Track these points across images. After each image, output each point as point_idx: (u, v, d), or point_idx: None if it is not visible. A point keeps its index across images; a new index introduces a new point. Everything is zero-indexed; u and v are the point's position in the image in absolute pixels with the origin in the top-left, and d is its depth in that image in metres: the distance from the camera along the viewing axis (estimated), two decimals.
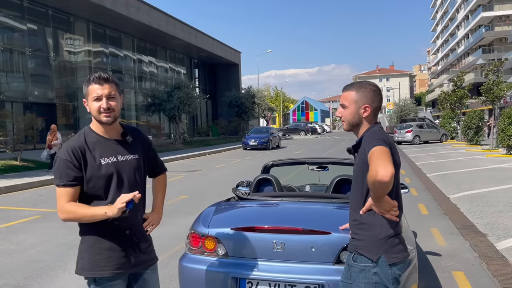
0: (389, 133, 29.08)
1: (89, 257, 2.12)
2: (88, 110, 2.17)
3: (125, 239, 2.17)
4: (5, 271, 4.71)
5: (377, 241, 2.07)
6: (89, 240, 2.13)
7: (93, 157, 2.12)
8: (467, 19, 62.69)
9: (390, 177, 1.86)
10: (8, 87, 21.54)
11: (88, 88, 2.14)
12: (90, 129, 2.21)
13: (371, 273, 2.05)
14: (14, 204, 8.85)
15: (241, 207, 3.48)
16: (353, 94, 2.21)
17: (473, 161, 14.85)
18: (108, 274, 2.11)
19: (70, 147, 2.11)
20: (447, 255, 4.93)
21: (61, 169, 2.08)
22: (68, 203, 2.07)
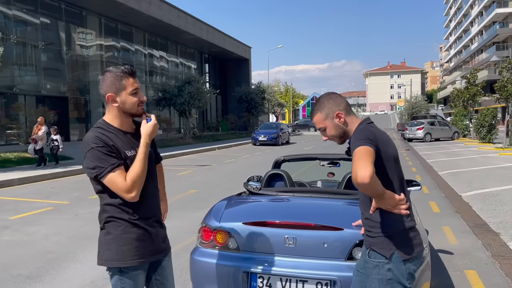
0: (399, 130, 28.87)
1: (117, 247, 2.12)
2: (116, 104, 2.13)
3: (149, 228, 2.20)
4: (18, 262, 4.78)
5: (389, 237, 2.06)
6: (117, 231, 2.13)
7: (117, 149, 2.10)
8: (481, 16, 61.78)
9: (369, 178, 1.86)
10: (21, 80, 21.78)
11: (123, 82, 2.11)
12: (106, 122, 2.17)
13: (385, 269, 2.06)
14: (27, 196, 8.96)
15: (253, 202, 3.48)
16: (320, 115, 2.24)
17: (486, 159, 14.67)
18: (136, 263, 2.14)
19: (96, 136, 2.07)
20: (459, 254, 4.88)
21: (101, 156, 2.03)
22: (126, 179, 2.03)
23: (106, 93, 2.12)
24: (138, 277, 2.18)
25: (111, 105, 2.14)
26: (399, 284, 2.06)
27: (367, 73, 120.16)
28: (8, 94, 20.63)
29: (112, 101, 2.12)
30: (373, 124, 2.19)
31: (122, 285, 2.14)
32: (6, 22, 20.52)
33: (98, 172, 2.04)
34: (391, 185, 2.07)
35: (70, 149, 17.83)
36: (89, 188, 8.36)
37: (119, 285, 2.15)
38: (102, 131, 2.12)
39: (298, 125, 50.01)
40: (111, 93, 2.11)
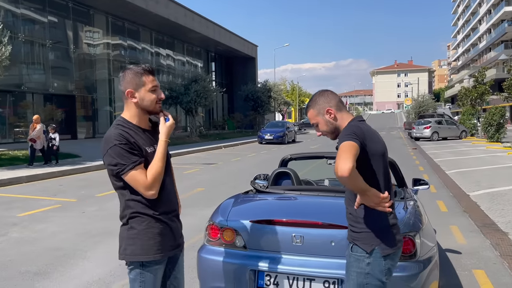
0: (406, 128, 28.72)
1: (141, 242, 2.15)
2: (135, 100, 2.17)
3: (170, 222, 2.26)
4: (26, 259, 4.81)
5: (371, 233, 2.13)
6: (141, 226, 2.16)
7: (138, 146, 2.14)
8: (490, 14, 61.24)
9: (348, 172, 1.91)
10: (29, 78, 21.94)
11: (143, 79, 2.16)
12: (126, 120, 2.20)
13: (365, 263, 2.13)
14: (35, 193, 9.03)
15: (260, 200, 3.47)
16: (312, 111, 2.33)
17: (494, 159, 14.55)
18: (159, 257, 2.19)
19: (118, 133, 2.11)
20: (467, 253, 4.85)
21: (123, 154, 2.07)
22: (147, 177, 2.09)
23: (126, 89, 2.17)
24: (158, 271, 2.22)
25: (130, 101, 2.19)
26: (375, 279, 2.13)
27: (374, 72, 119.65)
28: (16, 92, 20.79)
29: (131, 96, 2.17)
30: (364, 122, 2.26)
31: (142, 279, 2.18)
32: (14, 20, 20.66)
33: (120, 169, 2.07)
34: (376, 181, 2.15)
35: (77, 147, 17.95)
36: (96, 186, 8.51)
37: (138, 279, 2.18)
38: (123, 128, 2.15)
39: (304, 123, 49.89)
40: (130, 88, 2.16)
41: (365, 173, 2.07)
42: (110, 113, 27.40)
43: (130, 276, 2.22)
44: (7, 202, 8.10)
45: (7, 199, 8.41)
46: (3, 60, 12.31)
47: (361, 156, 2.06)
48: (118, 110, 28.24)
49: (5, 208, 7.54)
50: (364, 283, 2.13)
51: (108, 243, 5.38)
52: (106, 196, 8.69)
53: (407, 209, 3.10)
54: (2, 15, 19.75)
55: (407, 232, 2.77)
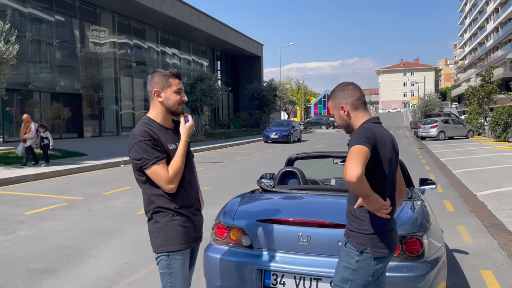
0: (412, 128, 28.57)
1: (165, 234, 2.32)
2: (161, 99, 2.35)
3: (192, 216, 2.42)
4: (34, 256, 4.85)
5: (366, 235, 2.16)
6: (164, 219, 2.32)
7: (161, 142, 2.31)
8: (497, 12, 60.74)
9: (356, 178, 1.93)
10: (36, 77, 22.08)
11: (170, 80, 2.37)
12: (151, 119, 2.38)
13: (354, 260, 2.17)
14: (42, 192, 9.09)
15: (266, 199, 3.47)
16: (330, 103, 2.37)
17: (501, 158, 14.44)
18: (183, 247, 2.34)
19: (144, 130, 2.28)
20: (474, 254, 4.82)
21: (147, 149, 2.24)
22: (168, 171, 2.26)
23: (153, 89, 2.36)
24: (184, 262, 2.37)
25: (156, 100, 2.37)
26: (360, 278, 2.16)
27: (379, 71, 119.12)
28: (23, 91, 20.92)
29: (158, 96, 2.36)
30: (379, 124, 2.24)
31: (170, 270, 2.32)
32: (21, 19, 20.79)
33: (143, 163, 2.24)
34: (381, 186, 2.16)
35: (84, 146, 18.05)
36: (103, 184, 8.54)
37: (167, 271, 2.33)
38: (148, 126, 2.32)
39: (309, 122, 49.82)
40: (157, 88, 2.36)
41: (371, 176, 2.08)
42: (116, 112, 27.50)
43: (160, 270, 2.36)
44: (15, 200, 8.16)
45: (15, 197, 8.48)
46: (11, 59, 12.39)
47: (371, 160, 2.06)
48: (124, 109, 28.36)
49: (13, 206, 7.59)
50: (348, 279, 2.17)
51: (114, 242, 5.41)
52: (113, 194, 8.74)
53: (415, 209, 3.09)
54: (9, 14, 19.88)
55: (414, 232, 2.76)
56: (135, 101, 29.49)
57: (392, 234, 2.24)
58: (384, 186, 2.18)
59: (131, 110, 29.10)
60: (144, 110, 30.56)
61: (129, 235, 5.72)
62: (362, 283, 2.16)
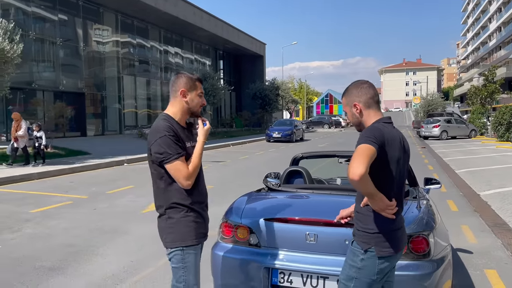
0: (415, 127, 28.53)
1: (179, 230, 2.42)
2: (186, 99, 2.48)
3: (202, 212, 2.53)
4: (40, 254, 4.89)
5: (371, 234, 2.18)
6: (178, 215, 2.43)
7: (182, 140, 2.43)
8: (500, 12, 60.58)
9: (359, 177, 1.95)
10: (40, 76, 22.14)
11: (196, 83, 2.52)
12: (170, 116, 2.47)
13: (359, 258, 2.20)
14: (47, 190, 9.13)
15: (273, 198, 3.50)
16: (343, 100, 2.38)
17: (504, 158, 14.43)
18: (195, 242, 2.44)
19: (168, 125, 2.38)
20: (478, 253, 4.83)
21: (171, 144, 2.34)
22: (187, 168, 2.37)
23: (180, 88, 2.46)
24: (197, 256, 2.48)
25: (179, 99, 2.48)
26: (365, 276, 2.18)
27: (382, 70, 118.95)
28: (27, 90, 20.99)
29: (183, 95, 2.47)
30: (390, 124, 2.25)
31: (184, 265, 2.42)
32: (25, 18, 20.85)
33: (166, 158, 2.33)
34: (386, 186, 2.17)
35: (87, 144, 18.09)
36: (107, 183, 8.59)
37: (181, 266, 2.42)
38: (170, 122, 2.42)
39: (312, 122, 49.80)
40: (185, 88, 2.47)
41: (376, 176, 2.09)
42: (119, 111, 27.53)
43: (172, 265, 2.45)
44: (20, 199, 8.20)
45: (20, 196, 8.52)
46: (15, 58, 12.44)
47: (377, 159, 2.07)
48: (127, 108, 28.40)
49: (18, 204, 7.64)
50: (353, 277, 2.20)
51: (120, 240, 5.44)
52: (117, 193, 8.78)
53: (420, 208, 3.11)
54: (13, 13, 19.94)
55: (420, 231, 2.79)
56: (138, 100, 29.54)
57: (398, 233, 2.25)
58: (390, 186, 2.18)
59: (133, 109, 29.15)
60: (147, 109, 30.62)
61: (134, 233, 5.75)
62: (367, 282, 2.19)
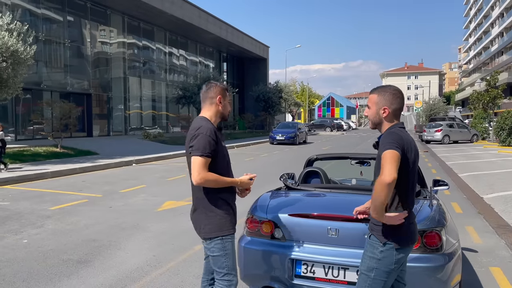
0: (417, 131, 28.65)
1: (216, 221, 2.72)
2: (221, 106, 2.82)
3: (233, 205, 2.85)
4: (66, 248, 5.14)
5: (388, 228, 2.42)
6: (215, 209, 2.73)
7: (220, 139, 2.76)
8: (502, 17, 60.83)
9: (392, 180, 2.23)
10: (48, 77, 22.41)
11: (227, 93, 2.90)
12: (207, 119, 2.80)
13: (378, 251, 2.44)
14: (62, 188, 9.39)
15: (294, 196, 3.74)
16: (375, 97, 2.58)
17: (506, 163, 14.66)
18: (232, 231, 2.77)
19: (212, 128, 2.71)
20: (483, 252, 5.07)
21: (205, 143, 2.63)
22: (208, 172, 2.64)
23: (218, 95, 2.81)
24: (233, 244, 2.78)
25: (215, 105, 2.82)
26: (384, 266, 2.43)
27: (383, 74, 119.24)
28: (35, 90, 21.27)
29: (220, 102, 2.82)
30: (404, 130, 2.53)
31: (225, 252, 2.71)
32: (35, 20, 21.14)
33: (198, 153, 2.61)
34: (408, 186, 2.45)
35: (94, 145, 18.36)
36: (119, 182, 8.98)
37: (222, 253, 2.71)
38: (211, 124, 2.77)
39: (314, 124, 50.03)
40: (221, 96, 2.83)
41: (400, 179, 2.34)
42: (124, 112, 27.80)
43: (214, 254, 2.71)
44: (38, 196, 8.46)
45: (37, 193, 8.78)
46: (28, 59, 12.71)
47: (401, 164, 2.34)
48: (132, 109, 28.68)
49: (37, 202, 7.89)
50: (374, 267, 2.44)
51: (139, 236, 5.69)
52: (130, 192, 9.03)
53: (432, 206, 3.36)
54: (23, 14, 20.22)
55: (433, 227, 3.03)
56: (143, 101, 29.82)
57: (412, 226, 2.50)
58: (412, 186, 2.46)
59: (139, 110, 29.42)
60: (152, 110, 30.89)
61: (152, 230, 6.00)
62: (386, 271, 2.44)
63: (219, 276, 2.73)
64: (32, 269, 4.42)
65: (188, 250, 5.02)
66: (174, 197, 8.12)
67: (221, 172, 2.72)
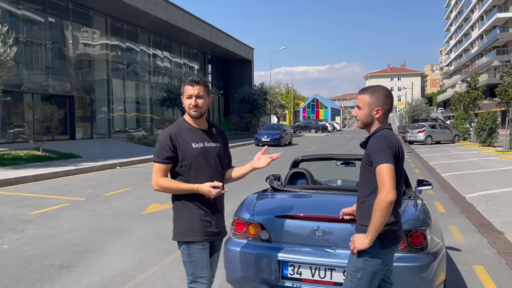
0: (400, 132, 29.01)
1: (184, 224, 2.63)
2: (183, 104, 2.70)
3: (213, 209, 2.69)
4: (48, 253, 5.03)
5: None
6: (183, 209, 2.65)
7: (186, 140, 2.63)
8: (482, 20, 62.13)
9: (392, 199, 2.27)
10: (29, 79, 22.01)
11: (184, 88, 2.69)
12: (184, 119, 2.76)
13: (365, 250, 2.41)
14: (44, 192, 9.20)
15: (281, 197, 3.73)
16: (367, 97, 2.54)
17: (487, 162, 14.95)
18: (200, 239, 2.63)
19: (169, 131, 2.64)
20: (466, 251, 5.15)
21: (159, 149, 2.62)
22: (162, 177, 2.61)
23: (182, 96, 2.72)
24: (202, 252, 2.69)
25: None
26: (371, 266, 2.44)
27: (367, 76, 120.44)
28: (16, 93, 20.85)
29: (182, 100, 2.73)
30: (392, 131, 2.53)
31: (190, 258, 2.65)
32: (15, 21, 20.73)
33: (154, 159, 2.64)
34: (399, 187, 2.44)
35: (77, 148, 18.08)
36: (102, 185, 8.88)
37: (188, 260, 2.66)
38: (177, 126, 2.69)
39: (299, 126, 50.27)
40: (181, 94, 2.73)
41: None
42: (108, 114, 27.47)
43: (182, 258, 2.68)
44: (18, 201, 8.28)
45: (17, 198, 8.59)
46: (8, 61, 12.46)
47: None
48: (116, 111, 28.36)
49: (17, 206, 7.72)
50: (360, 267, 2.45)
51: (123, 240, 5.61)
52: (113, 195, 8.91)
53: (417, 206, 3.39)
54: (3, 15, 19.83)
55: (418, 227, 3.06)
56: (127, 104, 29.52)
57: (397, 226, 2.51)
58: (400, 187, 2.47)
59: (123, 112, 29.11)
60: (136, 113, 30.59)
61: (137, 233, 5.92)
62: (372, 271, 2.45)
63: (187, 282, 2.69)
64: (13, 275, 4.31)
65: (174, 253, 4.96)
66: (159, 200, 8.05)
67: (187, 178, 2.63)
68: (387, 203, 2.26)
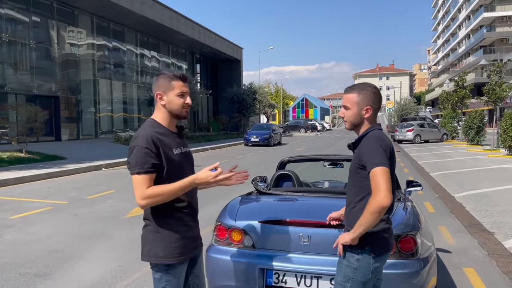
0: (389, 131, 29.13)
1: (165, 245, 2.24)
2: (163, 103, 2.27)
3: (193, 226, 2.38)
4: (25, 260, 4.81)
5: (363, 237, 2.26)
6: (164, 230, 2.26)
7: (167, 146, 2.24)
8: (469, 19, 62.77)
9: (388, 204, 2.13)
10: (12, 79, 21.56)
11: (172, 83, 2.26)
12: (156, 121, 2.30)
13: (354, 259, 2.29)
14: (25, 196, 8.93)
15: (265, 201, 3.58)
16: (355, 96, 2.36)
17: (475, 161, 14.98)
18: (183, 260, 2.29)
19: (150, 135, 2.18)
20: (456, 252, 5.04)
21: (141, 157, 2.14)
22: (148, 188, 2.14)
23: (156, 91, 2.28)
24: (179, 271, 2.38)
25: (159, 103, 2.29)
26: (361, 275, 2.29)
27: (356, 75, 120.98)
28: None
29: (160, 99, 2.28)
30: (382, 131, 2.38)
31: (167, 280, 2.32)
32: None
33: (135, 170, 2.16)
34: (393, 190, 2.29)
35: (62, 149, 17.73)
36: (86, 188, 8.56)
37: (164, 280, 2.32)
38: (154, 129, 2.24)
39: (288, 126, 50.24)
40: (160, 91, 2.27)
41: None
42: (94, 115, 27.07)
43: (154, 276, 2.36)
44: None
45: None
46: None
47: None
48: (103, 112, 27.97)
49: None
50: (350, 277, 2.30)
51: (105, 245, 5.40)
52: (97, 198, 8.67)
53: (407, 209, 3.26)
54: None
55: (408, 232, 2.92)
56: (114, 104, 29.13)
57: (388, 232, 2.37)
58: (394, 190, 2.34)
59: (109, 113, 28.72)
60: (123, 113, 30.22)
61: (119, 238, 5.72)
62: (362, 281, 2.30)
63: None
64: None
65: None
66: None
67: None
68: (382, 208, 2.12)
